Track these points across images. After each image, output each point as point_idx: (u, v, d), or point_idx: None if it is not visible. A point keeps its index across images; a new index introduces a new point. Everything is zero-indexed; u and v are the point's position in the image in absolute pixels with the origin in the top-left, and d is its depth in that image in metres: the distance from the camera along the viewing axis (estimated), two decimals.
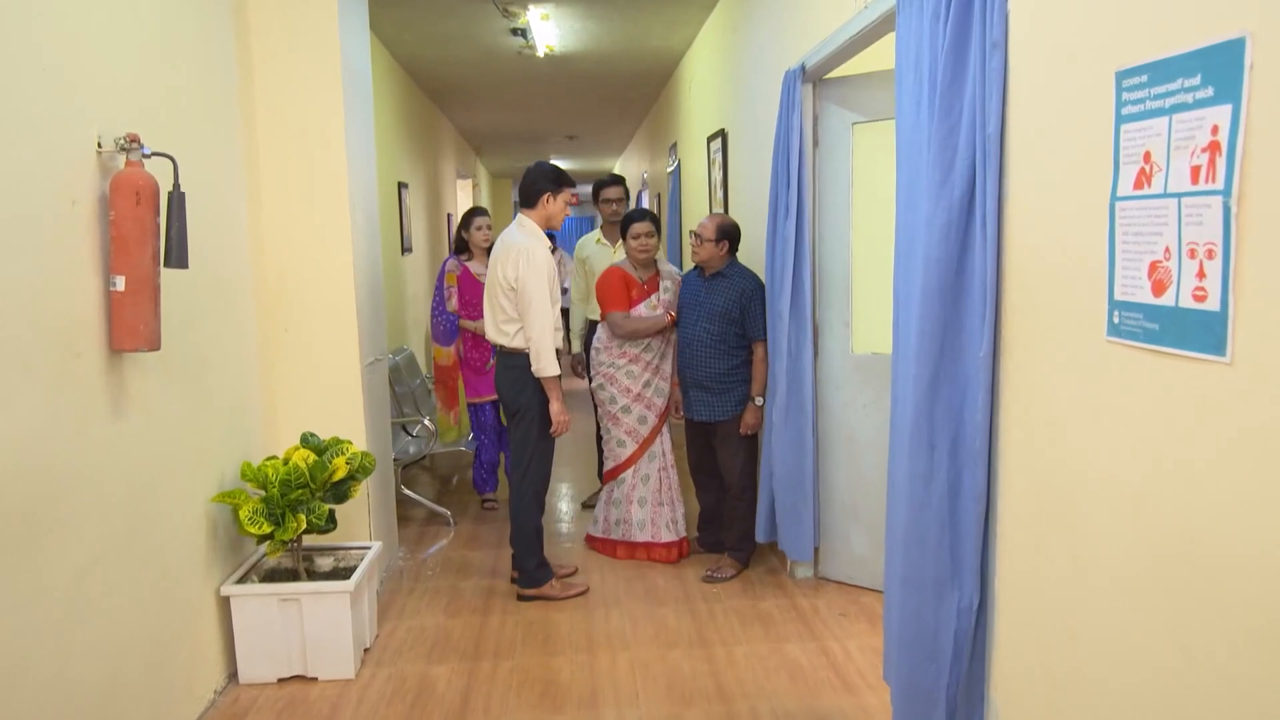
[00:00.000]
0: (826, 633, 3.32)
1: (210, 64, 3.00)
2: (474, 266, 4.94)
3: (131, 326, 2.26)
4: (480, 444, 5.05)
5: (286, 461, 3.07)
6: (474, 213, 5.05)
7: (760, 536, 3.84)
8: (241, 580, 3.05)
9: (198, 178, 2.84)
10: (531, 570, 3.66)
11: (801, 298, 3.57)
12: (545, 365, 3.50)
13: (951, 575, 2.12)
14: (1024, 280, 1.90)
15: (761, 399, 3.81)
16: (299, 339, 3.53)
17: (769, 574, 3.92)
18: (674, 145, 7.47)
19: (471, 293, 4.88)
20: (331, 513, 3.09)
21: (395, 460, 4.67)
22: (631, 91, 8.15)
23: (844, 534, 3.74)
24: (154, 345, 2.32)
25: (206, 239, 2.90)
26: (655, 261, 4.13)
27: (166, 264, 2.36)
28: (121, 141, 2.27)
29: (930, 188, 2.07)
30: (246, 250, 3.29)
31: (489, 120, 9.83)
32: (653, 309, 4.07)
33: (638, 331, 4.01)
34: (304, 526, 2.93)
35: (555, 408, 3.56)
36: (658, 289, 4.12)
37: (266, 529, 2.92)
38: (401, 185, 6.67)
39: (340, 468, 3.09)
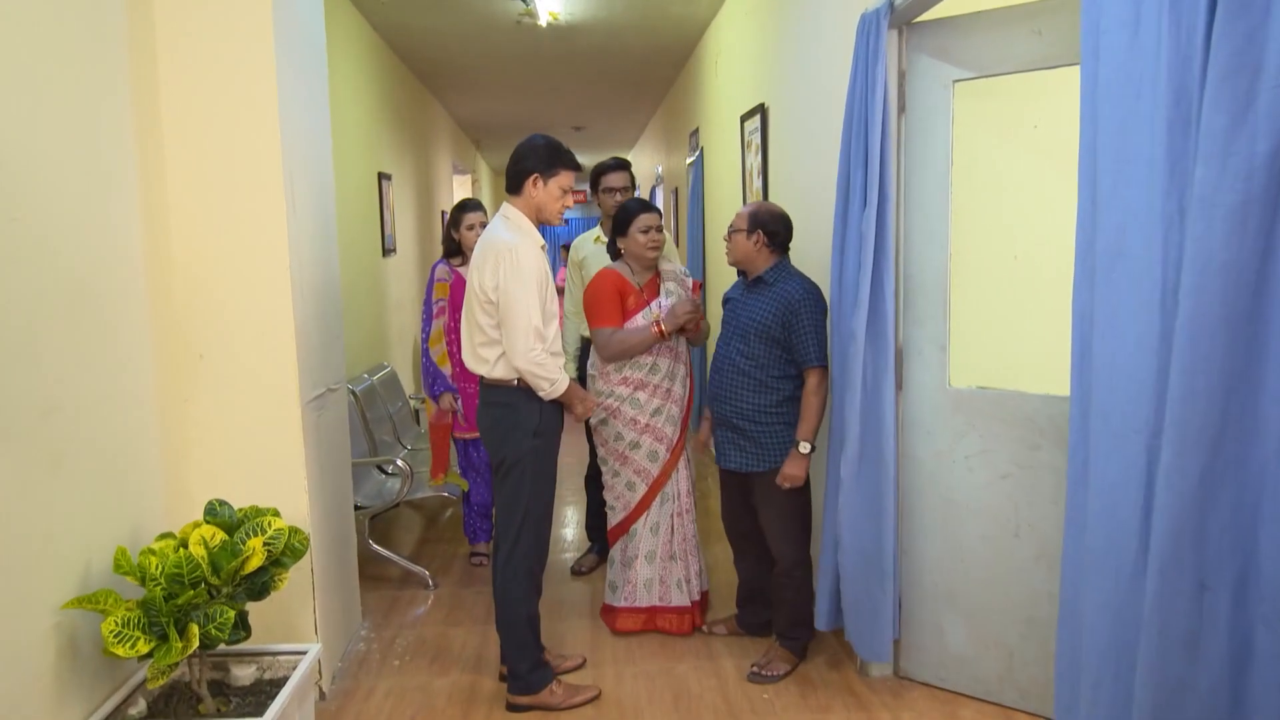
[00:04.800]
0: None
1: None
2: (468, 272, 4.03)
3: None
4: (470, 485, 4.17)
5: (183, 545, 2.20)
6: (464, 207, 4.11)
7: (821, 624, 2.94)
8: (116, 713, 2.18)
9: (36, 143, 1.97)
10: (524, 674, 2.77)
11: (882, 313, 2.68)
12: (549, 390, 2.68)
13: None
14: None
15: (809, 445, 2.86)
16: (218, 368, 2.67)
17: (832, 670, 3.02)
18: (695, 132, 6.58)
19: None
20: (242, 618, 2.22)
21: (360, 509, 3.79)
22: (646, 72, 7.26)
23: (935, 625, 2.85)
24: None
25: (57, 231, 2.03)
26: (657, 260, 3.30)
27: None
28: None
29: (1208, 140, 1.19)
30: (137, 249, 2.42)
31: (487, 108, 8.96)
32: (651, 320, 3.22)
33: (626, 350, 3.16)
34: (195, 644, 2.06)
35: (579, 410, 2.88)
36: (658, 294, 3.26)
37: (144, 647, 2.04)
38: (383, 176, 5.80)
39: (256, 552, 2.22)
